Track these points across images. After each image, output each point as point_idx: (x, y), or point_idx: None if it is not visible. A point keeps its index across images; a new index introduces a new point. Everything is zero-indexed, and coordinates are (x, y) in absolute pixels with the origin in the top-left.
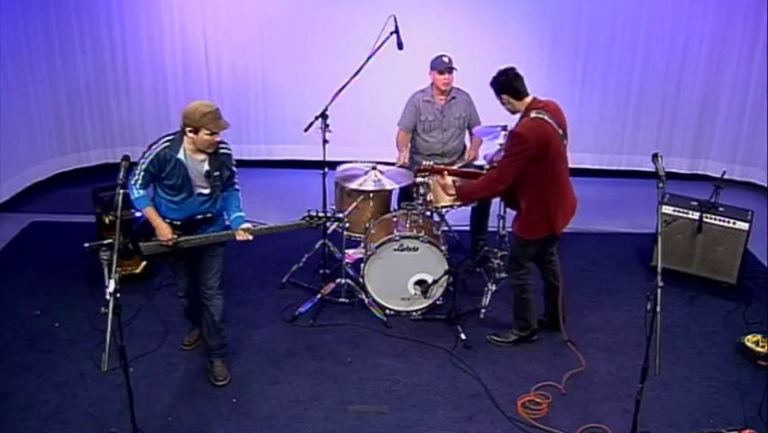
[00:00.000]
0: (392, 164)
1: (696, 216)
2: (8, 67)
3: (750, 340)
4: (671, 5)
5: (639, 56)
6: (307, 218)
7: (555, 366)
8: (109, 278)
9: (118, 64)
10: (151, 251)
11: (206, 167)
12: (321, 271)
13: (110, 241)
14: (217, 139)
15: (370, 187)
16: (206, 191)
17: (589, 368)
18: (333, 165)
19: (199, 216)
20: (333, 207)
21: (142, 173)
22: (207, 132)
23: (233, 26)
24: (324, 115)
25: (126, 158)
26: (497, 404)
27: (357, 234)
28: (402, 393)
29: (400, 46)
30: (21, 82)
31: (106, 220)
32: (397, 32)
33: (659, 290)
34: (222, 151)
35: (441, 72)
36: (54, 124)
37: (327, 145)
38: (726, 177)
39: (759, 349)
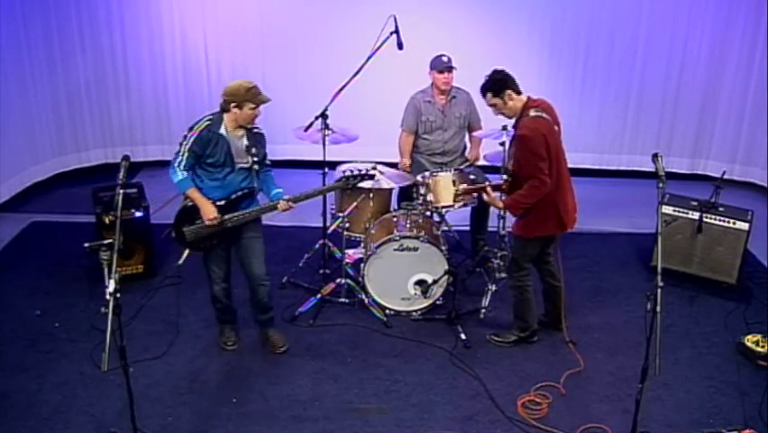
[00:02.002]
0: (392, 165)
1: (696, 216)
2: (8, 67)
3: (750, 340)
4: (671, 6)
5: (639, 56)
6: (344, 180)
7: (555, 366)
8: (109, 278)
9: (118, 64)
10: (195, 235)
11: (246, 142)
12: (321, 271)
13: (110, 241)
14: (260, 111)
15: (369, 185)
16: (247, 165)
17: (589, 368)
18: (333, 165)
19: (240, 193)
20: (333, 208)
21: (186, 153)
22: (252, 106)
23: (232, 26)
24: (324, 115)
25: (126, 158)
26: (497, 404)
27: (357, 235)
28: (402, 393)
29: (400, 46)
30: (21, 82)
31: (106, 220)
32: (397, 32)
33: (659, 290)
34: (256, 130)
35: (440, 71)
36: (54, 124)
37: (327, 145)
38: (726, 177)
39: (759, 349)
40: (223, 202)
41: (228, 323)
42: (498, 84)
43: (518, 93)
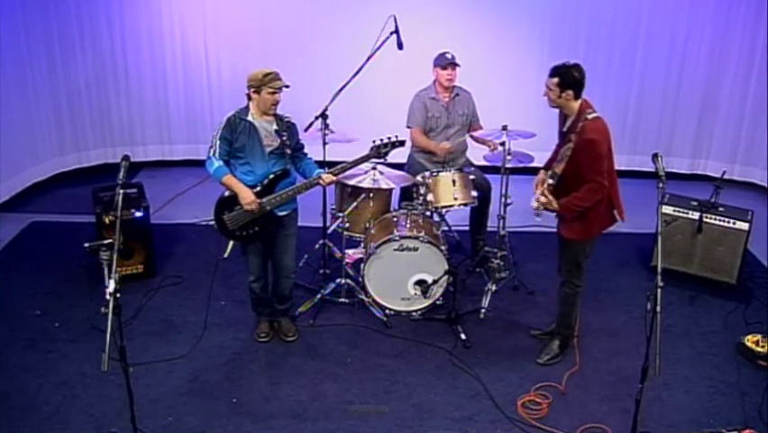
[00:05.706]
0: (392, 165)
1: (696, 216)
2: (8, 67)
3: (750, 340)
4: (671, 5)
5: (639, 56)
6: (375, 149)
7: (555, 366)
8: (109, 278)
9: (118, 64)
10: (236, 222)
11: (275, 126)
12: (321, 271)
13: (110, 241)
14: (279, 97)
15: (368, 185)
16: (276, 146)
17: (589, 368)
18: (333, 165)
19: (272, 176)
20: (333, 208)
21: (218, 141)
22: (270, 90)
23: (232, 26)
24: (324, 115)
25: (126, 158)
26: (497, 404)
27: (357, 234)
28: (402, 393)
29: (400, 46)
30: (21, 82)
31: (106, 220)
32: (397, 32)
33: (659, 290)
34: (287, 119)
35: (444, 68)
36: (54, 124)
37: (326, 145)
38: (726, 177)
39: (759, 349)
40: (258, 188)
41: (262, 315)
42: (570, 79)
43: (577, 99)
